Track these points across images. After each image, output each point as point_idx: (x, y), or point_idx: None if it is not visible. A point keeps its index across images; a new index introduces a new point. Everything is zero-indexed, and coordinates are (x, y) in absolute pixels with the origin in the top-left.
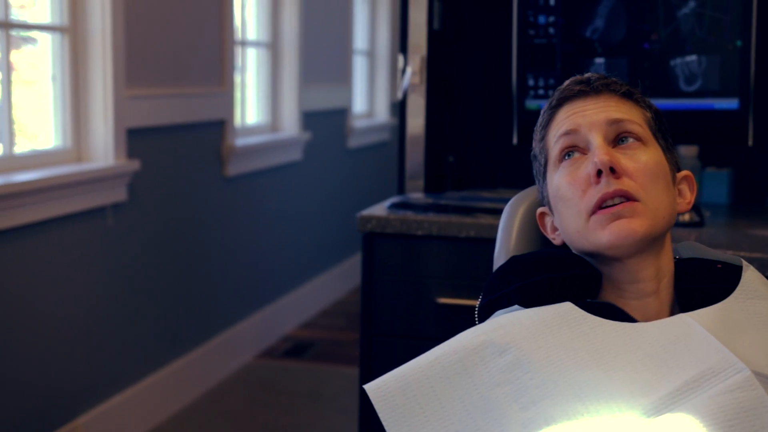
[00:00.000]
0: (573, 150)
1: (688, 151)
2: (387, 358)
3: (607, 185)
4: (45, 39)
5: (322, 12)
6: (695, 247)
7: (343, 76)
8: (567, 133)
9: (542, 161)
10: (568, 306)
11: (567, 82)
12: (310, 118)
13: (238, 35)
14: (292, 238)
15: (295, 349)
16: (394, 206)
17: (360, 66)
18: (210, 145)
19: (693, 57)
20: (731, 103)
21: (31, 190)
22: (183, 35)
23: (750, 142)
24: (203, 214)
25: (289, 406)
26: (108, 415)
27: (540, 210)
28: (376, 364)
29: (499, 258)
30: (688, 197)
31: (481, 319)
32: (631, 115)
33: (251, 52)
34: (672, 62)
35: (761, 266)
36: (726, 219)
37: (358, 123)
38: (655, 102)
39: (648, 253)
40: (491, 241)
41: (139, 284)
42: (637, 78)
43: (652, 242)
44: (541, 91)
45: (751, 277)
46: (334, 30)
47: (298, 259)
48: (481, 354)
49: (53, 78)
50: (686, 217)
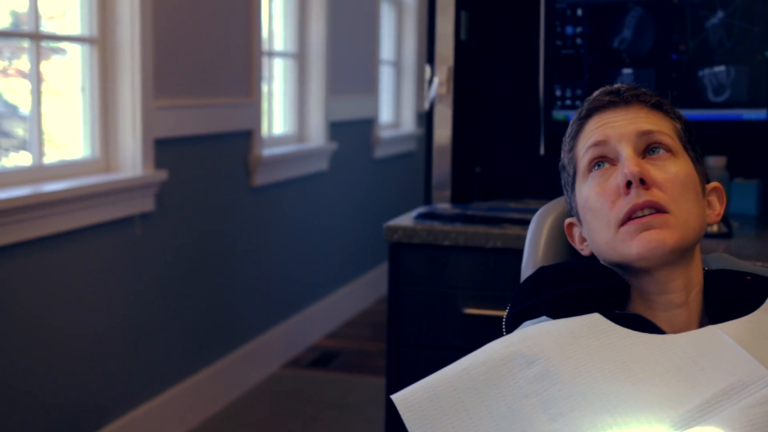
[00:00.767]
0: (602, 161)
1: (716, 162)
2: (413, 368)
3: (637, 196)
4: (74, 50)
5: (348, 23)
6: (724, 259)
7: (370, 86)
8: (596, 144)
9: (571, 172)
10: (596, 317)
11: (596, 92)
12: (336, 129)
13: (266, 46)
14: (319, 248)
15: (321, 359)
16: (420, 216)
17: (386, 76)
18: (237, 155)
19: (721, 68)
20: (760, 114)
21: (60, 200)
22: (211, 46)
23: None
24: (230, 223)
25: (315, 416)
26: (135, 424)
27: (568, 221)
28: (403, 375)
29: (527, 269)
30: (718, 209)
31: (509, 330)
32: (661, 126)
33: (278, 63)
34: (700, 73)
35: None
36: (754, 230)
37: (385, 133)
38: (683, 113)
39: (677, 265)
40: (518, 252)
41: (167, 294)
42: (665, 89)
43: (681, 254)
44: (568, 102)
45: None
46: (361, 40)
47: (324, 269)
48: (509, 365)
49: (82, 89)
50: (714, 228)
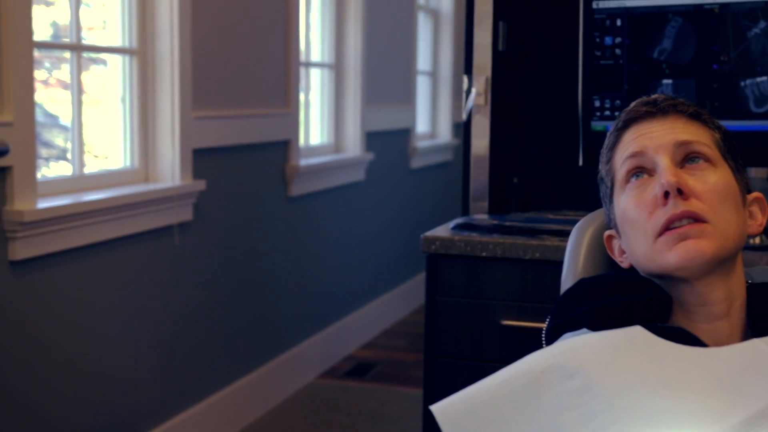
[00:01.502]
0: (640, 172)
1: (758, 173)
2: (451, 379)
3: (675, 206)
4: (115, 61)
5: (385, 33)
6: None
7: (407, 96)
8: (633, 155)
9: (609, 184)
10: (638, 330)
11: (633, 103)
12: (373, 139)
13: (303, 56)
14: (355, 259)
15: (358, 369)
16: (458, 227)
17: (423, 86)
18: (274, 165)
19: (763, 78)
20: None
21: (100, 210)
22: (248, 57)
23: None
24: (267, 233)
25: (351, 427)
26: None
27: (607, 233)
28: (440, 386)
29: (567, 281)
30: (760, 219)
31: (549, 342)
32: (698, 137)
33: (315, 73)
34: (742, 83)
35: None
36: None
37: (421, 143)
38: (724, 123)
39: (717, 275)
40: (557, 263)
41: (204, 303)
42: (705, 99)
43: (721, 264)
44: (607, 113)
45: None
46: (398, 51)
47: (360, 279)
48: (550, 377)
49: (122, 99)
50: (756, 240)
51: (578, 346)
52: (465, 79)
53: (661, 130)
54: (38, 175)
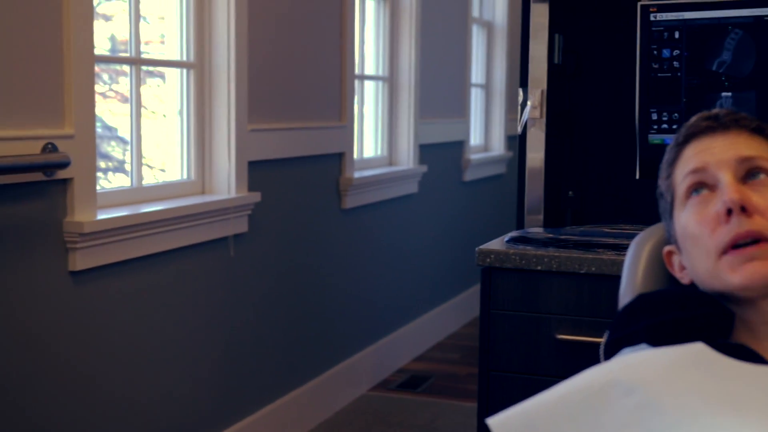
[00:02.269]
0: (701, 188)
1: None
2: (505, 393)
3: (739, 225)
4: (173, 74)
5: (439, 46)
6: None
7: (460, 109)
8: (695, 171)
9: (669, 199)
10: (699, 346)
11: (694, 118)
12: (426, 151)
13: (357, 69)
14: (408, 271)
15: (410, 381)
16: (512, 241)
17: (476, 99)
18: (328, 177)
19: None
20: None
21: (157, 221)
22: (304, 70)
23: None
24: (321, 245)
25: None
26: None
27: (667, 248)
28: (494, 400)
29: (625, 296)
30: None
31: (608, 357)
32: (761, 152)
33: (369, 86)
34: None
35: None
36: None
37: (474, 156)
38: None
39: None
40: (613, 278)
41: (258, 314)
42: (766, 112)
43: None
44: (664, 126)
45: None
46: (452, 64)
47: (413, 292)
48: (609, 393)
49: (180, 112)
50: None
51: (638, 361)
52: (520, 92)
53: (722, 145)
54: (97, 187)
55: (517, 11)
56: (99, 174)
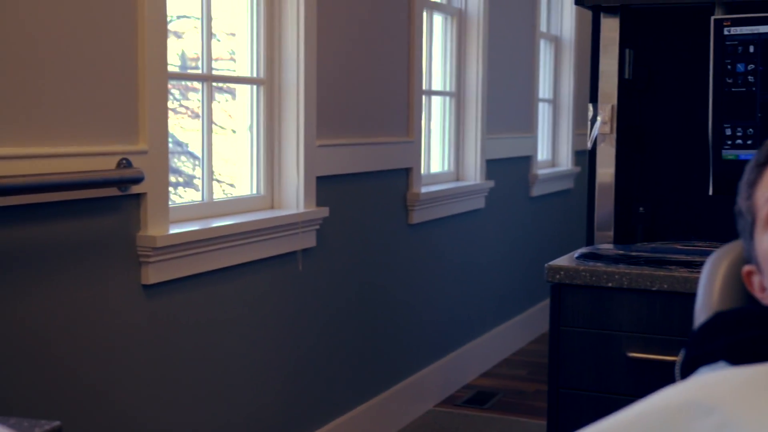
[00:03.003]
0: None
1: None
2: (575, 411)
3: None
4: (243, 91)
5: (506, 61)
6: None
7: (528, 124)
8: None
9: (749, 219)
10: None
11: None
12: (493, 166)
13: (424, 85)
14: (475, 287)
15: (477, 397)
16: (583, 257)
17: (543, 114)
18: (396, 192)
19: None
20: None
21: (228, 236)
22: (371, 86)
23: None
24: (388, 260)
25: None
26: None
27: (746, 268)
28: (564, 418)
29: (701, 314)
30: None
31: (684, 376)
32: None
33: (436, 101)
34: None
35: None
36: None
37: (542, 171)
38: None
39: None
40: (685, 295)
41: (326, 329)
42: None
43: None
44: (738, 141)
45: None
46: (519, 79)
47: (480, 307)
48: (686, 414)
49: (250, 128)
50: None
51: (716, 381)
52: (590, 108)
53: None
54: (169, 202)
55: (585, 26)
56: (170, 189)
